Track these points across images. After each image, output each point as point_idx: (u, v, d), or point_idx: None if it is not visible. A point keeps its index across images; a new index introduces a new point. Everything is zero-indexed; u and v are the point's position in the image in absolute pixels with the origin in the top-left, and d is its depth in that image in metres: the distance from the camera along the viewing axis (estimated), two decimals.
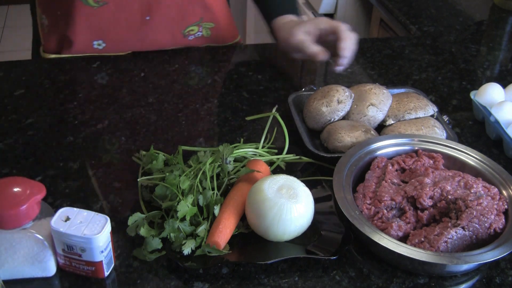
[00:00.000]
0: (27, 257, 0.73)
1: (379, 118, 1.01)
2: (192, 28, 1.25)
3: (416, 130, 0.96)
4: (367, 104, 1.00)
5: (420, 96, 1.05)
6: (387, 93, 1.03)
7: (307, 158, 0.94)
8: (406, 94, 1.06)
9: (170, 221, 0.78)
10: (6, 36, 3.51)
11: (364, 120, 1.00)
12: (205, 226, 0.79)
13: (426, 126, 0.97)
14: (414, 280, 0.77)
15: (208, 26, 1.26)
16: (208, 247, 0.76)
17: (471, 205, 0.79)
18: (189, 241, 0.77)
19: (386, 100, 1.01)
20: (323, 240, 0.80)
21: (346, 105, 1.00)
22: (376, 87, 1.03)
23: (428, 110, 1.02)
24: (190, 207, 0.79)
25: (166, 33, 1.22)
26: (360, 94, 1.02)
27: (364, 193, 0.84)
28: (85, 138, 1.01)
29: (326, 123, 1.00)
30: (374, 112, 1.00)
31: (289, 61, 1.26)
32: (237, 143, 0.97)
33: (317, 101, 1.01)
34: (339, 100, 1.00)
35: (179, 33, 1.24)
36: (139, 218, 0.80)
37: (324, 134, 0.99)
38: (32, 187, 0.70)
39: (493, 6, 1.68)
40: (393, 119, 1.01)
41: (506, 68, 1.34)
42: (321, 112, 1.00)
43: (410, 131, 0.96)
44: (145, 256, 0.77)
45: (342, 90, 1.01)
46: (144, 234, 0.78)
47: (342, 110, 1.00)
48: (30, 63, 1.22)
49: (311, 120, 1.01)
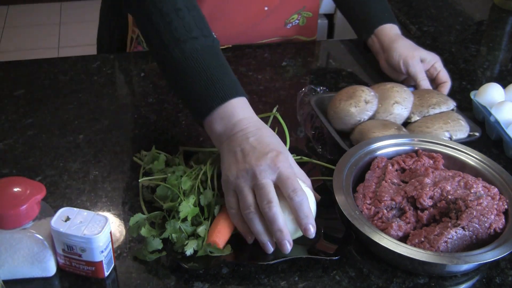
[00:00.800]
0: (27, 257, 0.73)
1: (405, 115, 1.01)
2: (294, 16, 1.25)
3: (444, 124, 0.97)
4: (392, 102, 1.00)
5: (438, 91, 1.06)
6: (408, 91, 1.03)
7: (308, 158, 0.94)
8: (426, 91, 1.06)
9: (172, 222, 0.78)
10: (6, 36, 3.51)
11: (391, 118, 1.00)
12: (206, 226, 0.79)
13: (452, 119, 0.98)
14: (414, 280, 0.77)
15: (306, 15, 1.26)
16: (210, 247, 0.76)
17: (471, 205, 0.79)
18: (191, 242, 0.77)
19: (409, 97, 1.02)
20: (324, 241, 0.80)
21: (373, 104, 1.00)
22: (396, 85, 1.03)
23: (450, 104, 1.03)
24: (192, 208, 0.79)
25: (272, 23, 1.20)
26: (383, 93, 1.02)
27: (364, 193, 0.84)
28: (85, 138, 1.01)
29: (356, 123, 1.00)
30: (399, 109, 1.00)
31: (289, 61, 1.26)
32: None
33: (344, 102, 1.00)
34: (366, 100, 0.99)
35: (283, 22, 1.24)
36: (141, 219, 0.80)
37: (356, 135, 0.98)
38: (32, 187, 0.70)
39: (493, 6, 1.68)
40: (418, 115, 1.02)
41: (506, 68, 1.34)
42: (350, 113, 0.99)
43: (438, 125, 0.97)
44: (145, 256, 0.77)
45: (367, 90, 1.01)
46: (145, 234, 0.78)
47: (370, 109, 1.00)
48: (30, 63, 1.22)
49: (339, 121, 1.01)
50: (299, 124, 1.06)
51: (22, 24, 3.65)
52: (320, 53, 1.35)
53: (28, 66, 1.22)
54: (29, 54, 3.22)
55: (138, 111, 1.09)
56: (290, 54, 1.29)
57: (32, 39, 3.44)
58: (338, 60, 1.31)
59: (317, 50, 1.36)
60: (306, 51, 1.34)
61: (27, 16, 3.71)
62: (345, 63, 1.29)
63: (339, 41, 1.41)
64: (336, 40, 1.44)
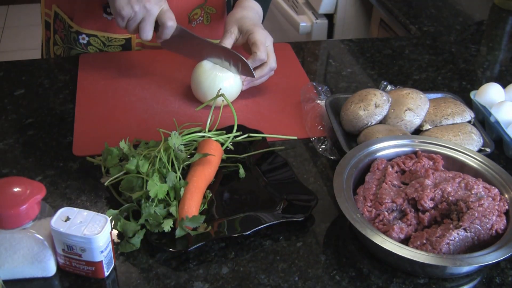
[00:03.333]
0: (27, 257, 0.73)
1: (416, 123, 1.01)
2: (196, 11, 1.23)
3: (453, 136, 0.96)
4: (404, 108, 1.00)
5: (457, 101, 1.05)
6: (424, 98, 1.02)
7: (256, 135, 0.99)
8: (444, 99, 1.05)
9: (145, 207, 0.80)
10: (6, 36, 3.51)
11: (401, 124, 1.00)
12: (176, 206, 0.82)
13: (463, 132, 0.97)
14: (414, 280, 0.77)
15: (209, 11, 1.24)
16: (187, 220, 0.78)
17: (472, 206, 0.79)
18: (167, 220, 0.80)
19: (423, 105, 1.01)
20: (291, 206, 0.86)
21: (383, 109, 1.00)
22: (413, 92, 1.02)
23: (466, 116, 1.02)
24: (159, 185, 0.81)
25: None
26: (398, 99, 1.02)
27: (365, 196, 0.84)
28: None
29: (363, 126, 1.00)
30: (411, 116, 1.00)
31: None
32: None
33: (355, 105, 1.00)
34: (376, 104, 0.99)
35: (186, 16, 1.22)
36: (113, 214, 0.81)
37: (361, 138, 0.99)
38: (32, 187, 0.70)
39: (493, 6, 1.68)
40: (430, 124, 1.01)
41: (506, 68, 1.34)
42: (359, 116, 0.99)
43: (447, 137, 0.96)
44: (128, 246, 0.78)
45: (380, 94, 1.01)
46: (121, 229, 0.80)
47: (380, 114, 1.00)
48: (30, 63, 1.22)
49: (348, 124, 1.01)
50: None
51: (22, 24, 3.65)
52: (320, 53, 1.35)
53: (28, 66, 1.22)
54: (29, 54, 3.22)
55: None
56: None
57: (32, 39, 3.44)
58: (338, 60, 1.31)
59: (317, 50, 1.36)
60: (306, 51, 1.34)
61: (27, 16, 3.71)
62: (345, 63, 1.29)
63: (339, 41, 1.41)
64: (336, 40, 1.44)
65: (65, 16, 1.23)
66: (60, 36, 1.26)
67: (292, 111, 1.10)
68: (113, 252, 0.76)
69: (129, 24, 1.04)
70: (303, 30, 2.22)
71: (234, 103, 1.09)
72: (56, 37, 1.27)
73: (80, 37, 1.22)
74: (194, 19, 1.24)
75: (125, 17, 1.02)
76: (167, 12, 1.04)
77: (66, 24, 1.23)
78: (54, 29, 1.27)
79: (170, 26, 1.04)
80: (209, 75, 1.06)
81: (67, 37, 1.24)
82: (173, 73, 1.19)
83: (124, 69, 1.20)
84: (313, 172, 0.96)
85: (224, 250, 0.81)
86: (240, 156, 0.96)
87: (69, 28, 1.23)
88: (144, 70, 1.20)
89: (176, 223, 0.80)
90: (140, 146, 0.92)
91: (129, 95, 1.12)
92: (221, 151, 0.93)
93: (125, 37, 1.24)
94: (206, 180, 0.88)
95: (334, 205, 0.89)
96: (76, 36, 1.22)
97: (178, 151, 0.88)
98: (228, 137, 0.96)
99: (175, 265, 0.78)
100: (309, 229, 0.85)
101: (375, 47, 1.36)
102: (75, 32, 1.22)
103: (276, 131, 1.02)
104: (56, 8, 1.24)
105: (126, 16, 1.02)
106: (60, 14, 1.24)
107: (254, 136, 0.99)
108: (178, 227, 0.79)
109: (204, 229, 0.80)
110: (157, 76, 1.18)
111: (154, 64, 1.22)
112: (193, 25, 1.25)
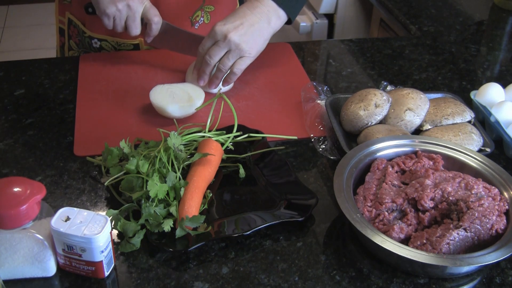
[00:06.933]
0: (27, 257, 0.73)
1: (416, 123, 1.01)
2: (197, 13, 1.24)
3: (454, 136, 0.96)
4: (404, 108, 1.00)
5: (457, 101, 1.05)
6: (425, 98, 1.02)
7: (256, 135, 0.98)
8: (444, 99, 1.05)
9: (146, 207, 0.80)
10: (6, 36, 3.51)
11: (401, 124, 1.00)
12: (176, 206, 0.82)
13: (463, 132, 0.97)
14: (414, 280, 0.77)
15: (208, 10, 1.25)
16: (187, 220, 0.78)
17: (473, 206, 0.79)
18: (167, 220, 0.80)
19: (424, 105, 1.01)
20: (291, 206, 0.86)
21: (383, 109, 1.00)
22: (413, 92, 1.03)
23: (466, 116, 1.02)
24: (159, 185, 0.81)
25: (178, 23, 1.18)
26: (398, 99, 1.02)
27: (365, 196, 0.84)
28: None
29: (363, 126, 1.00)
30: (411, 116, 1.00)
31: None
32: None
33: (355, 105, 1.01)
34: (376, 104, 0.99)
35: (188, 19, 1.23)
36: (114, 214, 0.81)
37: (361, 138, 0.99)
38: (32, 187, 0.70)
39: (493, 6, 1.68)
40: (430, 124, 1.01)
41: (506, 68, 1.34)
42: (359, 116, 0.99)
43: (447, 137, 0.96)
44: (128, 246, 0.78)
45: (380, 94, 1.01)
46: (121, 229, 0.80)
47: (380, 114, 1.00)
48: (30, 63, 1.22)
49: (348, 124, 1.01)
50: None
51: (22, 24, 3.65)
52: (320, 53, 1.35)
53: (28, 66, 1.22)
54: (29, 54, 3.22)
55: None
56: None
57: (32, 39, 3.44)
58: (338, 60, 1.31)
59: (317, 50, 1.36)
60: (306, 51, 1.34)
61: (27, 16, 3.71)
62: (345, 63, 1.29)
63: (339, 41, 1.41)
64: (336, 40, 1.44)
65: (78, 22, 1.26)
66: (75, 41, 1.29)
67: (292, 111, 1.10)
68: (113, 252, 0.76)
69: (115, 24, 1.09)
70: (303, 30, 2.22)
71: (234, 103, 1.09)
72: (71, 42, 1.30)
73: (93, 42, 1.25)
74: (196, 21, 1.25)
75: (110, 16, 1.07)
76: (151, 9, 1.10)
77: (80, 29, 1.26)
78: (69, 35, 1.29)
79: (157, 22, 1.10)
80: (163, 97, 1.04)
81: (81, 42, 1.27)
82: (173, 73, 1.19)
83: (125, 69, 1.20)
84: (313, 172, 0.96)
85: (224, 250, 0.81)
86: (240, 156, 0.96)
87: (83, 33, 1.26)
88: (144, 70, 1.20)
89: (176, 223, 0.80)
90: (140, 146, 0.93)
91: (129, 95, 1.12)
92: (221, 151, 0.93)
93: (133, 43, 1.25)
94: (206, 180, 0.88)
95: (334, 205, 0.89)
96: (90, 41, 1.26)
97: (177, 151, 0.88)
98: (228, 137, 0.96)
99: (175, 265, 0.78)
100: (309, 229, 0.85)
101: (375, 47, 1.36)
102: (88, 37, 1.25)
103: (276, 131, 1.02)
104: (69, 15, 1.27)
105: (111, 15, 1.07)
106: (73, 20, 1.27)
107: (254, 136, 0.99)
108: (178, 227, 0.79)
109: (204, 229, 0.80)
110: (157, 76, 1.18)
111: (154, 64, 1.22)
112: (195, 27, 1.26)
